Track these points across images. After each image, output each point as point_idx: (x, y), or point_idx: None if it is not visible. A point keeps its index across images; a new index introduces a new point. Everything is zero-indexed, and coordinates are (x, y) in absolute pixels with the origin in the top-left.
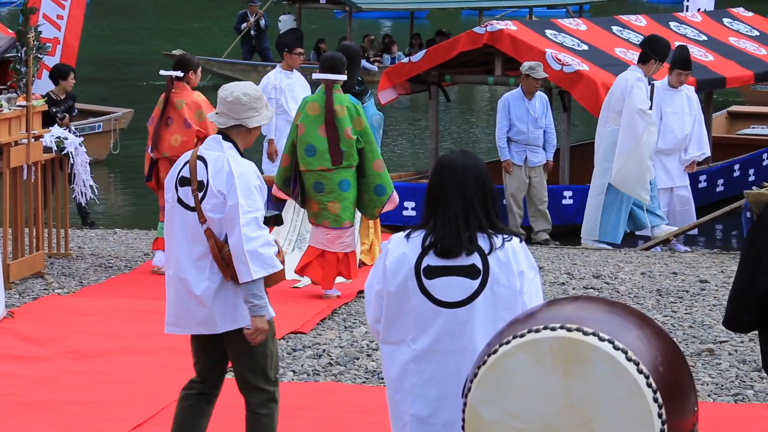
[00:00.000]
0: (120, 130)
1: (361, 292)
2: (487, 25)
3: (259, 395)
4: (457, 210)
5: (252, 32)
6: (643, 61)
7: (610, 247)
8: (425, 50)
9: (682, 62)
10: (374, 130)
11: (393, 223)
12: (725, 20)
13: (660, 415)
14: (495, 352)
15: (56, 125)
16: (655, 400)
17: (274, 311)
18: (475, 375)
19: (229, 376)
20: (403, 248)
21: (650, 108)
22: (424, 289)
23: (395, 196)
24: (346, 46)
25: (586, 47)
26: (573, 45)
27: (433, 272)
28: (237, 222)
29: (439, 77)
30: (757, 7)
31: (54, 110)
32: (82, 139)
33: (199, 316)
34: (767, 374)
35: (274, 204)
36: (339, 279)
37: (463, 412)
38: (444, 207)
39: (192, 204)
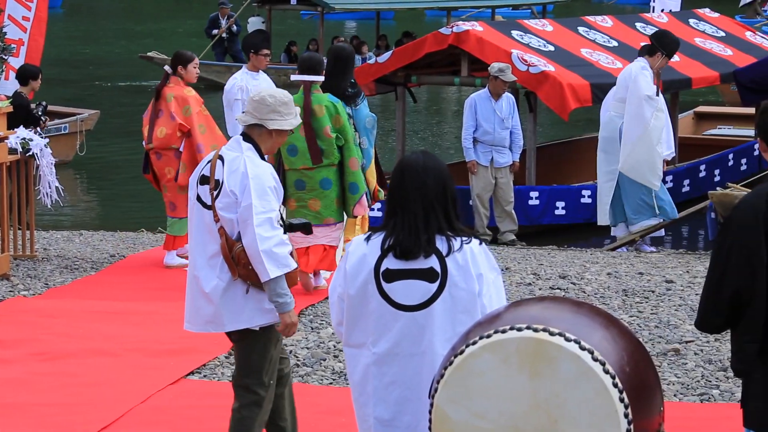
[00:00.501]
0: (86, 131)
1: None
2: (453, 26)
3: (247, 395)
4: (417, 211)
5: (224, 35)
6: (650, 53)
7: (656, 220)
8: (392, 51)
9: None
10: (367, 132)
11: None
12: (691, 21)
13: (626, 415)
14: (461, 352)
15: (37, 127)
16: (622, 400)
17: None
18: (442, 376)
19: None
20: (363, 251)
21: (657, 95)
22: (383, 293)
23: (364, 200)
24: (341, 48)
25: (552, 48)
26: (539, 46)
27: (392, 275)
28: (250, 222)
29: (405, 78)
30: (723, 8)
31: (38, 112)
32: (47, 140)
33: (207, 314)
34: (735, 374)
35: None
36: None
37: (430, 412)
38: (404, 208)
39: (209, 202)
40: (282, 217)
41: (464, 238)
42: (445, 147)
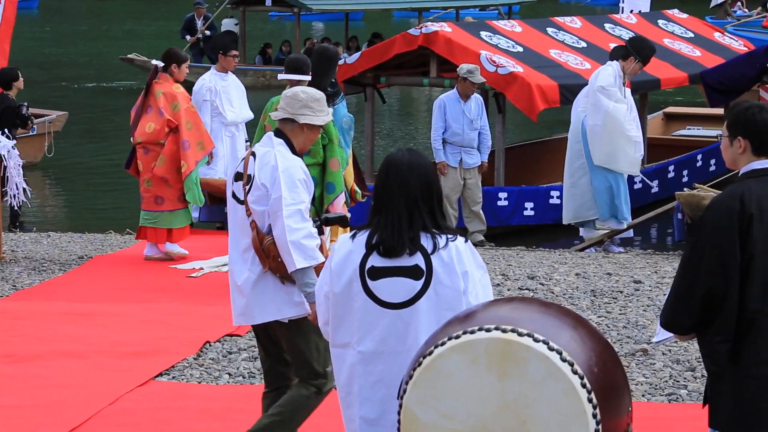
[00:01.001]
0: (54, 132)
1: None
2: (421, 27)
3: (307, 386)
4: (401, 210)
5: (200, 35)
6: (624, 57)
7: (622, 226)
8: (360, 52)
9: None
10: (344, 132)
11: None
12: (660, 22)
13: (594, 416)
14: (430, 353)
15: (26, 127)
16: (590, 400)
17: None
18: (411, 376)
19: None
20: (348, 248)
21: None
22: (368, 290)
23: (338, 201)
24: (325, 48)
25: (520, 49)
26: (508, 47)
27: (377, 273)
28: (280, 214)
29: (374, 79)
30: (693, 9)
31: (27, 113)
32: (14, 141)
33: (240, 306)
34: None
35: (207, 206)
36: None
37: (399, 413)
38: (388, 206)
39: (242, 197)
40: (317, 212)
41: (450, 236)
42: (414, 148)
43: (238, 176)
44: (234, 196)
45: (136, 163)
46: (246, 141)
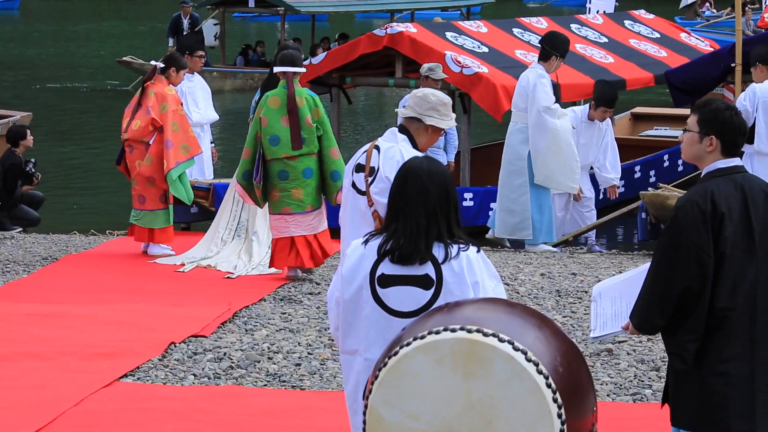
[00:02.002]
0: None
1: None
2: (386, 28)
3: None
4: (419, 217)
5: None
6: (544, 58)
7: (555, 249)
8: (326, 52)
9: (610, 101)
10: None
11: None
12: (626, 22)
13: (559, 416)
14: (395, 353)
15: (30, 184)
16: (555, 400)
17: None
18: (376, 377)
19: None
20: (359, 254)
21: (555, 102)
22: (378, 298)
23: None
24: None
25: (486, 49)
26: (473, 47)
27: (387, 281)
28: None
29: (340, 79)
30: (662, 10)
31: (33, 170)
32: None
33: None
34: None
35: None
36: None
37: (364, 413)
38: (406, 213)
39: (363, 188)
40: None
41: (462, 245)
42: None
43: (359, 167)
44: (354, 186)
45: (125, 161)
46: (211, 142)
